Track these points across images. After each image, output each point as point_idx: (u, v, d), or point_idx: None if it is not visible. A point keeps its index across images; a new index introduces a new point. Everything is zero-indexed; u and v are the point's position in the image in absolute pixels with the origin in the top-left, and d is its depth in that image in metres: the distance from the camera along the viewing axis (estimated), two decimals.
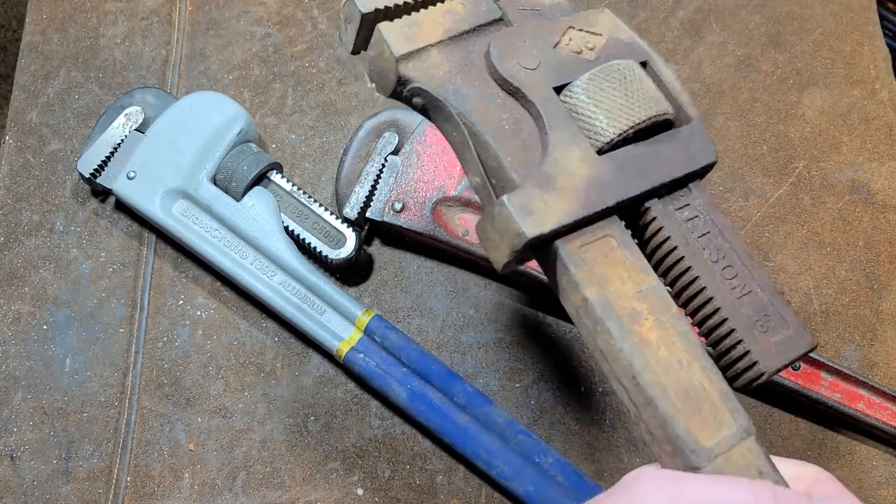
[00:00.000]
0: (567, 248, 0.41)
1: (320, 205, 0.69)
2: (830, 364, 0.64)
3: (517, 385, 0.66)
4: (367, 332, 0.65)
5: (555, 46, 0.45)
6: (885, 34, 0.82)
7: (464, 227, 0.67)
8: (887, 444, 0.65)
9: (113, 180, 0.69)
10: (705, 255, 0.43)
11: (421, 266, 0.70)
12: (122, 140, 0.70)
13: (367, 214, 0.68)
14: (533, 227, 0.40)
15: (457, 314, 0.68)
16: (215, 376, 0.66)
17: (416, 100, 0.45)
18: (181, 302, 0.68)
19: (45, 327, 0.67)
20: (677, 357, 0.39)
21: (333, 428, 0.64)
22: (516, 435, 0.62)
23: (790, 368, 0.64)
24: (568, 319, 0.68)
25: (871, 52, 0.80)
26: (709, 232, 0.43)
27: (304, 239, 0.68)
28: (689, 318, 0.43)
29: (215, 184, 0.68)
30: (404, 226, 0.67)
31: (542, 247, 0.42)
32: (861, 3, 0.82)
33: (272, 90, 0.77)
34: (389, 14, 0.44)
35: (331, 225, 0.68)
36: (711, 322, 0.42)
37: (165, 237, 0.70)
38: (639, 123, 0.43)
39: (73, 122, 0.75)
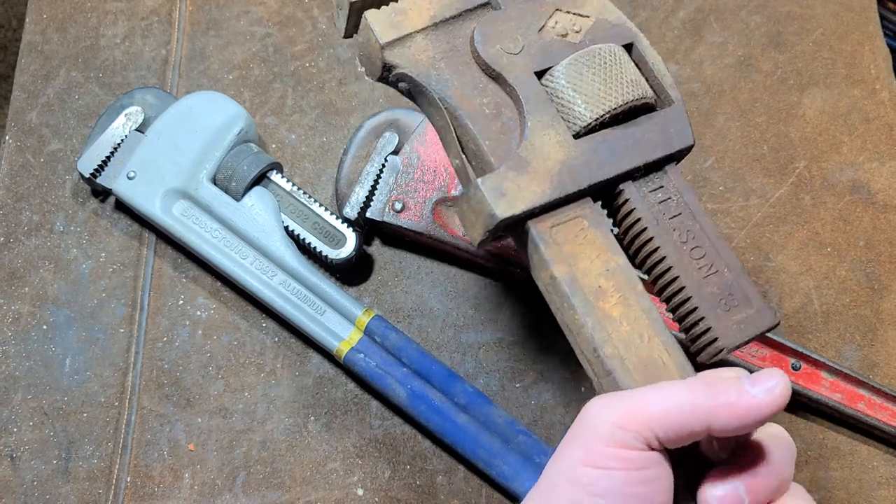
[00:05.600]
0: (538, 229, 0.43)
1: (320, 205, 0.68)
2: (831, 364, 0.64)
3: (517, 385, 0.66)
4: (368, 332, 0.65)
5: (540, 30, 0.46)
6: (885, 34, 0.82)
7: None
8: (887, 444, 0.65)
9: (113, 180, 0.69)
10: (675, 236, 0.44)
11: (421, 266, 0.70)
12: (122, 140, 0.70)
13: (367, 214, 0.68)
14: (504, 209, 0.42)
15: (457, 314, 0.68)
16: (215, 376, 0.66)
17: (402, 84, 0.47)
18: (181, 302, 0.68)
19: (45, 327, 0.67)
20: (639, 332, 0.41)
21: (333, 428, 0.64)
22: (516, 435, 0.62)
23: (790, 369, 0.64)
24: None
25: (871, 52, 0.80)
26: (680, 213, 0.45)
27: (304, 239, 0.68)
28: (658, 295, 0.45)
29: (215, 184, 0.68)
30: (404, 226, 0.67)
31: (515, 226, 0.44)
32: (861, 2, 0.82)
33: (272, 90, 0.77)
34: (377, 2, 0.46)
35: (331, 225, 0.68)
36: (677, 299, 0.44)
37: (165, 237, 0.70)
38: (615, 108, 0.44)
39: (73, 121, 0.75)
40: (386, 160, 0.68)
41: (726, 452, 0.39)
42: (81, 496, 0.62)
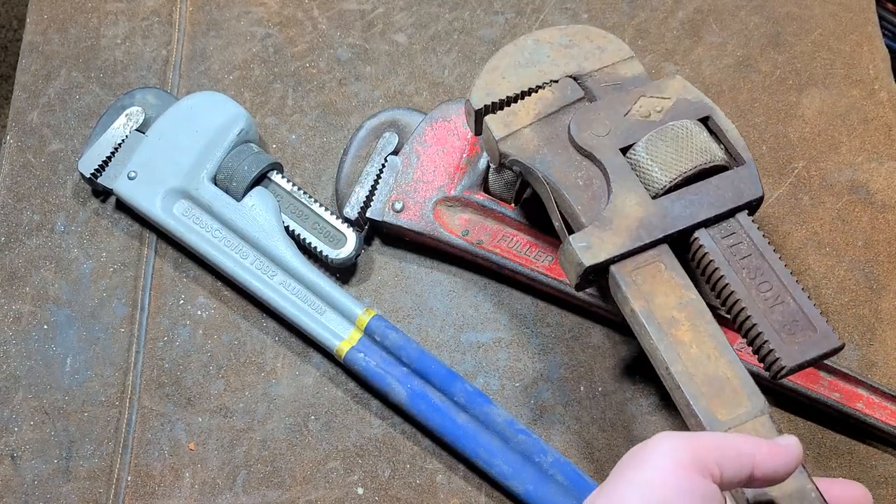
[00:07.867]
0: (620, 272, 0.52)
1: (321, 205, 0.69)
2: (829, 363, 0.64)
3: (517, 385, 0.66)
4: (368, 331, 0.65)
5: (626, 114, 0.56)
6: (884, 35, 0.82)
7: (464, 227, 0.67)
8: (886, 444, 0.65)
9: (114, 180, 0.69)
10: (744, 273, 0.52)
11: (421, 266, 0.70)
12: (123, 140, 0.70)
13: (368, 214, 0.68)
14: (589, 258, 0.51)
15: (457, 314, 0.68)
16: (216, 376, 0.66)
17: (515, 167, 0.58)
18: (182, 301, 0.68)
19: (45, 327, 0.67)
20: (706, 353, 0.49)
21: (334, 427, 0.65)
22: (516, 434, 0.62)
23: None
24: (568, 321, 0.68)
25: (870, 53, 0.80)
26: (750, 255, 0.52)
27: (304, 239, 0.68)
28: (732, 322, 0.52)
29: (216, 184, 0.68)
30: (404, 226, 0.67)
31: (601, 272, 0.53)
32: (860, 3, 0.82)
33: (272, 90, 0.77)
34: (494, 108, 0.58)
35: (331, 225, 0.68)
36: (745, 326, 0.51)
37: (166, 237, 0.70)
38: (686, 172, 0.53)
39: (73, 122, 0.75)
40: (386, 160, 0.68)
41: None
42: (82, 495, 0.62)
